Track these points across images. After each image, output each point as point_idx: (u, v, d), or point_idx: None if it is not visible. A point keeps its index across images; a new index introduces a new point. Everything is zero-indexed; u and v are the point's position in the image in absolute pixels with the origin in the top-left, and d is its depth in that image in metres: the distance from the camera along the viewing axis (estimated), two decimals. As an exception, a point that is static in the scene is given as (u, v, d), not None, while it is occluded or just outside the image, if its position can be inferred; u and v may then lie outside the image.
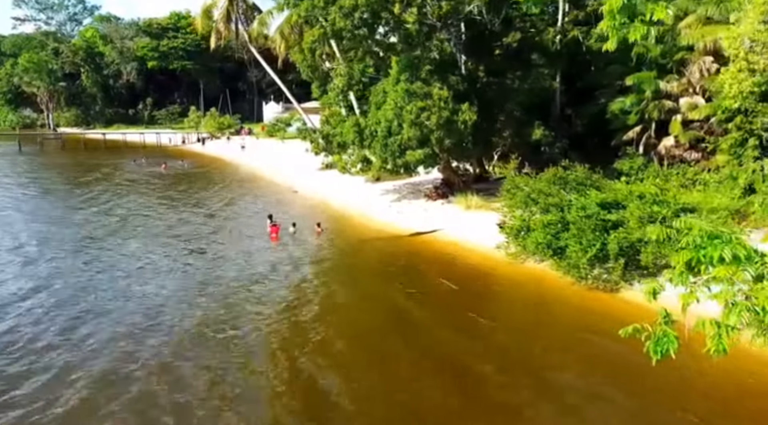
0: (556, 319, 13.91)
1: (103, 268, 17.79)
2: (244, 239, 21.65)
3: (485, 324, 13.47)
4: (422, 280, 16.80)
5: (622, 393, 10.18)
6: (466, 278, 16.87)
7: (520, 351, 12.11)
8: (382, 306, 14.93)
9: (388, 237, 21.81)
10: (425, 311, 14.37)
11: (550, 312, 14.31)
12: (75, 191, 33.61)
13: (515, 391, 10.45)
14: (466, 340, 12.60)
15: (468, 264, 18.16)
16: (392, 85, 22.04)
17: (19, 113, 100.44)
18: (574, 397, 10.20)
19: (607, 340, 11.24)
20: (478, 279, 16.85)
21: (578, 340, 12.47)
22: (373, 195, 29.02)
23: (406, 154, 22.79)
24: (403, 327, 13.53)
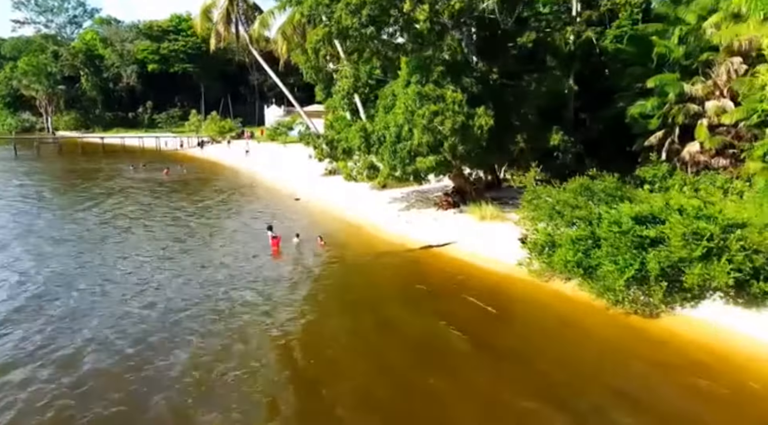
0: (590, 346, 12.40)
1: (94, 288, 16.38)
2: (243, 252, 20.16)
3: (509, 350, 12.04)
4: (440, 301, 15.30)
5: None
6: (486, 297, 15.41)
7: (558, 384, 10.63)
8: (402, 333, 13.36)
9: (398, 251, 20.32)
10: (448, 337, 12.86)
11: (583, 338, 12.78)
12: (70, 202, 32.06)
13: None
14: (504, 369, 11.23)
15: (486, 282, 16.66)
16: (402, 88, 20.62)
17: (18, 117, 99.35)
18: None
19: (656, 373, 9.79)
20: (499, 299, 15.36)
21: (621, 373, 11.03)
22: (380, 203, 27.57)
23: (416, 161, 21.36)
24: (426, 355, 12.03)
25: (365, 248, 20.88)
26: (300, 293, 16.07)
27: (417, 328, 13.58)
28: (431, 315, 14.22)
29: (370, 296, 15.96)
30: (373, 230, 23.50)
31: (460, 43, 23.49)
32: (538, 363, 11.60)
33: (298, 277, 17.45)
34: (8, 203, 30.50)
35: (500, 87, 24.12)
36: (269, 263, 19.07)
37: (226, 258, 19.39)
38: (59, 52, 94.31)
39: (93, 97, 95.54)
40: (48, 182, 40.74)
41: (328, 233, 23.07)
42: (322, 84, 25.77)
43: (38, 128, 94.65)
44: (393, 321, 14.13)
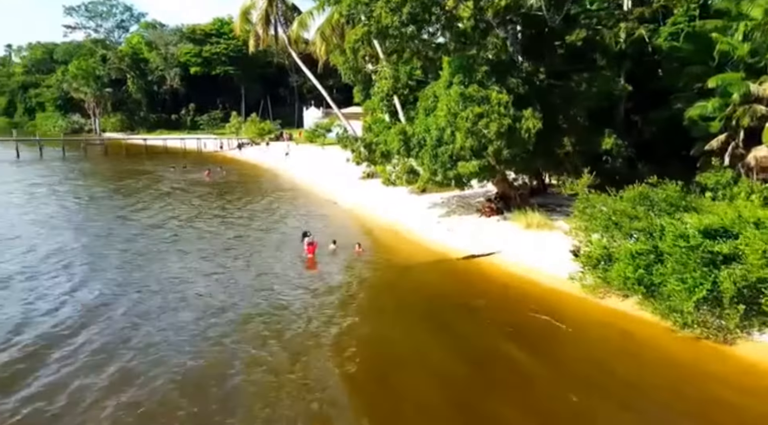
0: (662, 371, 11.13)
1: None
2: (280, 258, 19.55)
3: (578, 372, 10.95)
4: (490, 315, 14.24)
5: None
6: (531, 316, 14.32)
7: (639, 411, 9.52)
8: (456, 348, 12.40)
9: (438, 260, 19.34)
10: (507, 355, 11.85)
11: (653, 362, 11.50)
12: (116, 203, 32.23)
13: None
14: (579, 392, 10.23)
15: (535, 296, 15.51)
16: (444, 89, 19.62)
17: (68, 119, 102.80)
18: None
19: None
20: (552, 315, 14.21)
21: (701, 400, 9.80)
22: (419, 209, 26.63)
23: (458, 165, 20.31)
24: (486, 374, 11.05)
25: (404, 257, 19.98)
26: (339, 302, 15.29)
27: (470, 344, 12.67)
28: (482, 330, 13.34)
29: (414, 309, 15.04)
30: (412, 237, 22.58)
31: (505, 42, 22.38)
32: (611, 386, 10.54)
33: (337, 286, 16.69)
34: (60, 203, 30.85)
35: (547, 88, 22.86)
36: (305, 271, 18.39)
37: (263, 264, 18.83)
38: (107, 56, 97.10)
39: (138, 100, 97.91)
40: (93, 184, 41.34)
41: (366, 240, 22.31)
42: (360, 85, 25.00)
43: (87, 129, 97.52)
44: (443, 334, 13.25)
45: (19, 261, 18.84)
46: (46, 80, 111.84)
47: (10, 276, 17.12)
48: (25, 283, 16.56)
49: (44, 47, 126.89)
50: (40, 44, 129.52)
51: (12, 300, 15.11)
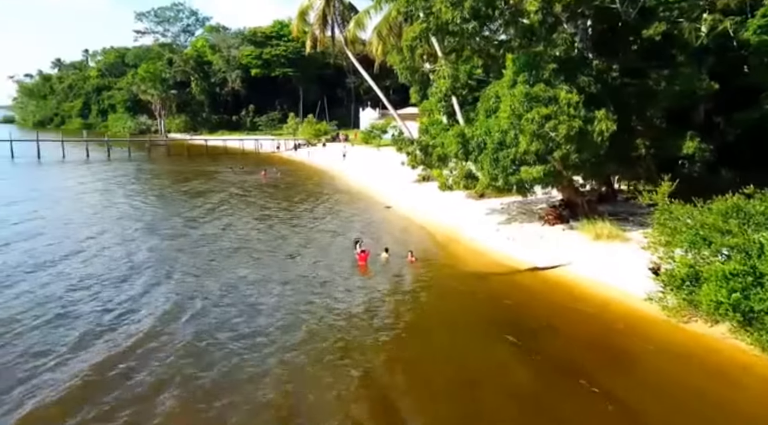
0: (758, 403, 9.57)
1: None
2: (331, 266, 18.81)
3: (653, 415, 9.52)
4: (554, 339, 12.88)
5: None
6: (609, 337, 12.88)
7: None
8: (512, 377, 11.20)
9: (499, 271, 18.03)
10: (572, 391, 10.55)
11: (751, 405, 9.92)
12: (179, 203, 32.64)
13: None
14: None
15: (608, 317, 14.00)
16: (507, 88, 18.29)
17: (136, 120, 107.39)
18: None
19: None
20: (625, 341, 12.71)
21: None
22: (477, 215, 25.31)
23: (521, 170, 18.94)
24: (544, 412, 9.85)
25: (461, 267, 18.77)
26: (389, 318, 14.33)
27: (530, 373, 11.35)
28: (545, 357, 11.96)
29: (470, 328, 13.84)
30: (469, 246, 21.34)
31: (574, 38, 20.78)
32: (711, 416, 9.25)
33: (387, 299, 15.71)
34: (128, 204, 31.55)
35: (620, 86, 21.05)
36: (356, 280, 17.55)
37: (314, 272, 18.13)
38: (173, 59, 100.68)
39: (201, 101, 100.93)
40: (158, 185, 42.43)
41: (420, 247, 21.26)
42: (417, 85, 23.95)
43: (153, 130, 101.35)
44: (509, 353, 12.16)
45: (91, 265, 18.89)
46: (118, 83, 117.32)
47: (82, 279, 17.18)
48: (98, 287, 16.49)
49: (117, 52, 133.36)
50: (113, 49, 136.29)
51: (90, 303, 15.09)
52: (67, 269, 18.05)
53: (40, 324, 13.59)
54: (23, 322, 13.64)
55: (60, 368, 11.36)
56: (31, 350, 12.15)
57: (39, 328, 13.33)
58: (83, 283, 16.70)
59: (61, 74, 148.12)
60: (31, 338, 12.76)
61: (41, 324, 13.60)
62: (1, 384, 10.65)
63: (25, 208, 28.67)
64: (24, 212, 27.66)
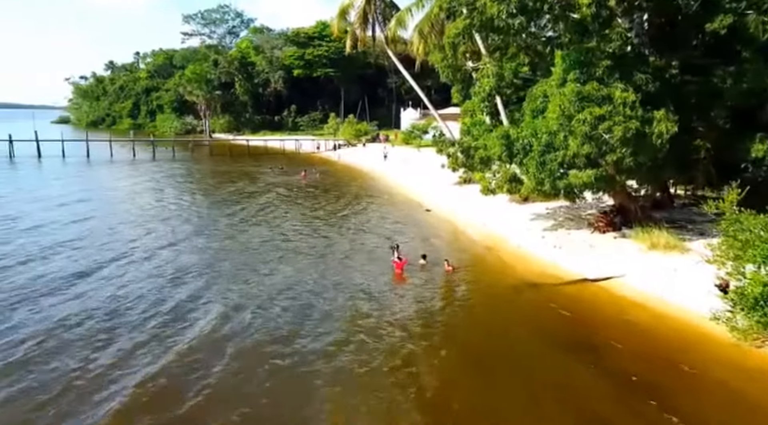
0: None
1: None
2: (367, 272, 18.10)
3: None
4: (611, 361, 11.73)
5: None
6: (671, 359, 11.66)
7: None
8: (563, 407, 10.25)
9: (544, 283, 16.88)
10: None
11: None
12: (221, 205, 32.58)
13: None
14: None
15: (668, 336, 12.78)
16: (556, 87, 17.12)
17: (182, 120, 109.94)
18: None
19: None
20: (690, 364, 11.47)
21: None
22: (521, 220, 24.12)
23: (570, 175, 17.73)
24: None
25: (502, 278, 17.70)
26: (436, 330, 13.50)
27: (596, 391, 10.40)
28: (609, 374, 11.01)
29: (524, 342, 12.88)
30: (513, 254, 20.23)
31: (629, 33, 19.35)
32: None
33: (424, 310, 14.87)
34: (174, 205, 31.79)
35: (680, 84, 19.48)
36: (392, 289, 16.77)
37: (351, 278, 17.48)
38: (218, 61, 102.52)
39: (244, 102, 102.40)
40: (201, 186, 42.67)
41: (461, 254, 20.34)
42: (459, 84, 22.94)
43: (198, 130, 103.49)
44: (563, 379, 11.10)
45: (141, 268, 18.77)
46: (166, 84, 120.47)
47: (132, 282, 17.11)
48: (149, 291, 16.28)
49: (165, 53, 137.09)
50: (162, 51, 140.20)
51: (139, 309, 14.90)
52: (119, 272, 17.91)
53: (101, 327, 13.49)
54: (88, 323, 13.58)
55: (123, 375, 11.18)
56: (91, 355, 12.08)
57: (101, 332, 13.26)
58: (134, 287, 16.53)
59: (113, 76, 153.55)
60: (90, 343, 12.66)
61: (101, 327, 13.48)
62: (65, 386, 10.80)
63: (77, 209, 29.08)
64: (75, 213, 28.03)
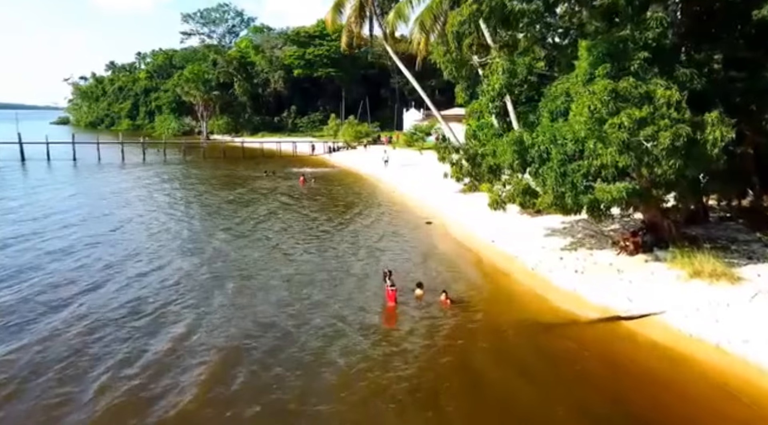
0: None
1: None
2: (351, 306, 15.21)
3: None
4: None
5: None
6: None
7: None
8: None
9: (565, 322, 13.90)
10: None
11: None
12: (212, 217, 29.70)
13: None
14: None
15: (732, 401, 9.86)
16: (582, 84, 14.21)
17: (180, 121, 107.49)
18: None
19: None
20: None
21: None
22: (534, 237, 21.19)
23: (596, 188, 14.83)
24: None
25: (514, 314, 14.68)
26: (424, 397, 10.60)
27: None
28: None
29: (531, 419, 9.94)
30: (525, 280, 17.26)
31: (663, 22, 16.45)
32: None
33: (422, 360, 11.98)
34: (165, 216, 28.80)
35: (724, 81, 16.57)
36: (381, 325, 13.91)
37: (334, 314, 14.56)
38: (217, 60, 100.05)
39: (243, 103, 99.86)
40: (191, 194, 39.94)
41: (464, 281, 17.45)
42: (464, 82, 20.00)
43: (197, 131, 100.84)
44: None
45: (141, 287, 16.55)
46: (165, 85, 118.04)
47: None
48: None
49: (165, 54, 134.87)
50: (162, 51, 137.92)
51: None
52: (82, 311, 14.89)
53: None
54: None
55: None
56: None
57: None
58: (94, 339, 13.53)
59: (112, 77, 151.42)
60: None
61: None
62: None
63: (37, 226, 26.35)
64: (36, 230, 25.34)
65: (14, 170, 47.88)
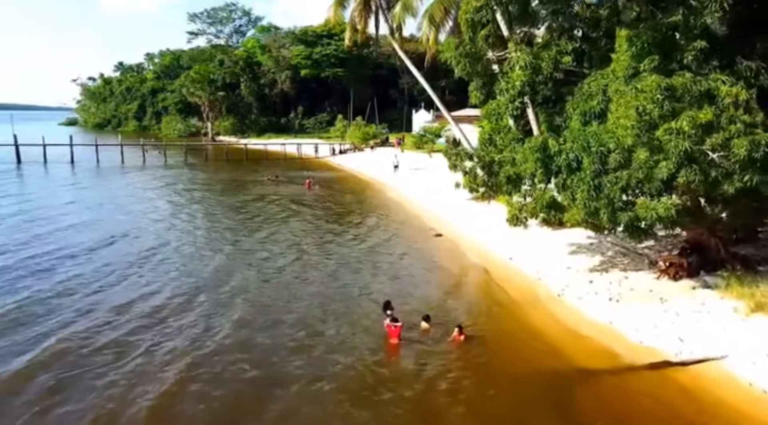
0: None
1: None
2: (344, 347, 12.85)
3: None
4: None
5: None
6: None
7: None
8: None
9: (607, 370, 11.53)
10: None
11: None
12: (211, 232, 27.94)
13: None
14: None
15: None
16: (623, 80, 11.82)
17: (186, 122, 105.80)
18: None
19: None
20: None
21: None
22: (558, 254, 18.77)
23: (638, 205, 12.43)
24: None
25: (540, 356, 12.25)
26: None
27: None
28: None
29: None
30: (551, 310, 14.80)
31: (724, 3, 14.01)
32: None
33: (414, 408, 9.69)
34: (166, 229, 26.81)
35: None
36: (379, 370, 11.60)
37: (326, 358, 12.26)
38: (224, 60, 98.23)
39: (250, 103, 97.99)
40: (189, 201, 37.89)
41: (474, 310, 15.10)
42: (479, 80, 17.63)
43: (203, 132, 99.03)
44: None
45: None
46: (172, 85, 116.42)
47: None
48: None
49: (173, 54, 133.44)
50: (170, 51, 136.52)
51: None
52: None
53: None
54: None
55: None
56: None
57: None
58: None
59: (120, 77, 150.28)
60: None
61: None
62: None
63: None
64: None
65: (6, 174, 46.02)
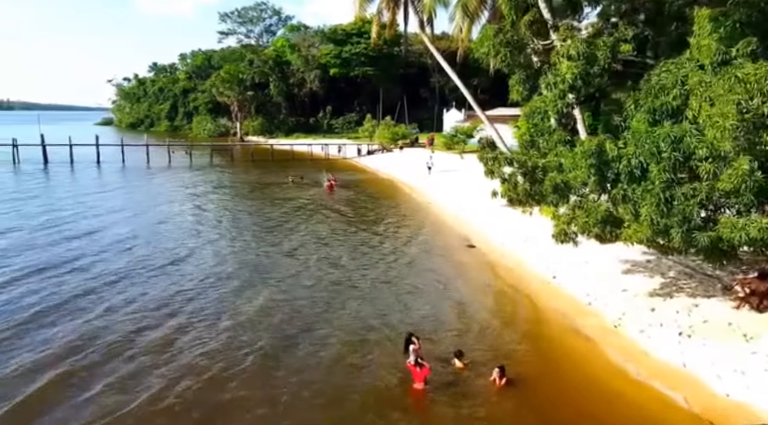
0: None
1: None
2: (357, 393, 10.83)
3: None
4: None
5: None
6: None
7: None
8: None
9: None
10: None
11: None
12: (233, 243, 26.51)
13: None
14: None
15: None
16: (710, 70, 9.47)
17: (216, 122, 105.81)
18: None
19: None
20: None
21: None
22: (610, 273, 16.32)
23: (720, 223, 10.06)
24: None
25: (593, 410, 9.95)
26: None
27: None
28: None
29: None
30: (605, 346, 12.39)
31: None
32: None
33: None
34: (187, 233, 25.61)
35: None
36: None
37: (337, 410, 10.34)
38: (253, 60, 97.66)
39: (278, 103, 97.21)
40: (212, 208, 36.52)
41: (513, 343, 12.87)
42: (522, 72, 15.29)
43: (232, 132, 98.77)
44: None
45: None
46: (203, 85, 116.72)
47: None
48: None
49: (204, 54, 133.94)
50: (201, 52, 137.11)
51: None
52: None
53: None
54: None
55: None
56: None
57: None
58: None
59: (154, 78, 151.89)
60: None
61: None
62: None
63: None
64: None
65: (33, 174, 45.71)
